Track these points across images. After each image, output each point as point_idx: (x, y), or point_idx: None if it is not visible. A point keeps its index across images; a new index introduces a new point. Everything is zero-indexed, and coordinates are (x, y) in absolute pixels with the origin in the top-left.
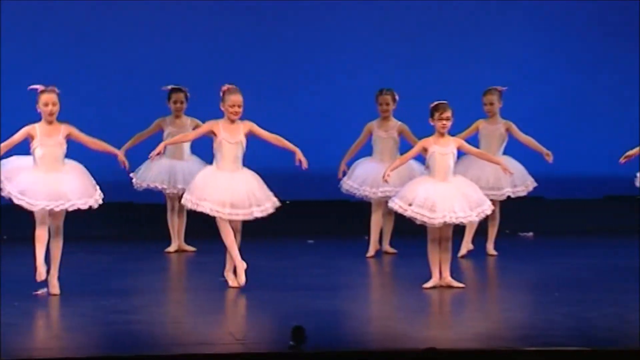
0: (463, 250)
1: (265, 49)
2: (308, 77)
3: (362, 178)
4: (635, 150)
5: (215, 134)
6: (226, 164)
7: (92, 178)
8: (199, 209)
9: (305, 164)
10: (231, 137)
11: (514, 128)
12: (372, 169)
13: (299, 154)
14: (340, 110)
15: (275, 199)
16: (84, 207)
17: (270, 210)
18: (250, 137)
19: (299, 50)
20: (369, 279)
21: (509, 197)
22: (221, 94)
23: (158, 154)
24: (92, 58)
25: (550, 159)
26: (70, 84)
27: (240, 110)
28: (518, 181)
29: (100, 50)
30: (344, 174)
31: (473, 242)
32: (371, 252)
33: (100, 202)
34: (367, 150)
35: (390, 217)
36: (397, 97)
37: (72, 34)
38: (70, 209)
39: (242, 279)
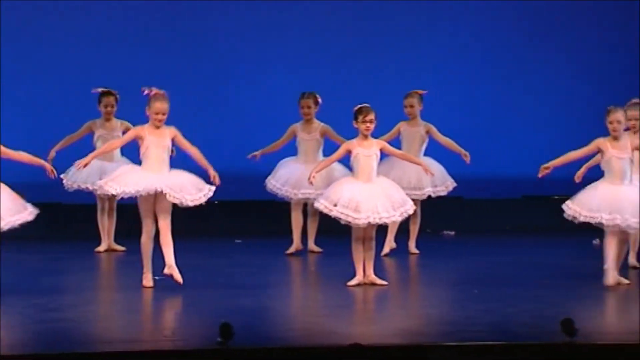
0: (386, 249)
1: (192, 51)
2: (237, 79)
3: (285, 178)
4: (552, 163)
5: (141, 139)
6: (154, 168)
7: (19, 196)
8: (126, 193)
9: (217, 181)
10: (158, 141)
11: (434, 130)
12: (295, 170)
13: (211, 171)
14: (268, 112)
15: (207, 188)
16: (17, 223)
17: (204, 198)
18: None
19: (227, 52)
20: (295, 277)
21: (429, 196)
22: (148, 98)
23: (85, 165)
24: (22, 61)
25: (468, 159)
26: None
27: (164, 117)
28: (438, 181)
29: (29, 54)
30: (259, 162)
31: (395, 240)
32: (292, 249)
33: (33, 216)
34: (291, 151)
35: (314, 217)
36: (319, 100)
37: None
38: (5, 228)
39: (150, 281)
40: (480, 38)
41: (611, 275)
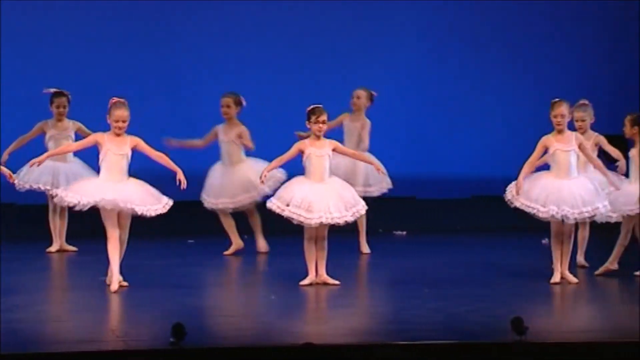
0: None
1: (137, 51)
2: (192, 78)
3: (207, 188)
4: (519, 180)
5: (100, 145)
6: (112, 176)
7: None
8: (84, 201)
9: (184, 185)
10: (117, 148)
11: (366, 130)
12: (215, 180)
13: (180, 175)
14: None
15: (166, 199)
16: None
17: (162, 210)
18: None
19: (169, 52)
20: (248, 277)
21: (373, 197)
22: (109, 106)
23: (39, 163)
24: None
25: (380, 173)
26: None
27: (125, 125)
28: (373, 181)
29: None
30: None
31: (346, 240)
32: (231, 250)
33: None
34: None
35: (254, 215)
36: (242, 101)
37: None
38: None
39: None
40: (432, 35)
41: (556, 275)
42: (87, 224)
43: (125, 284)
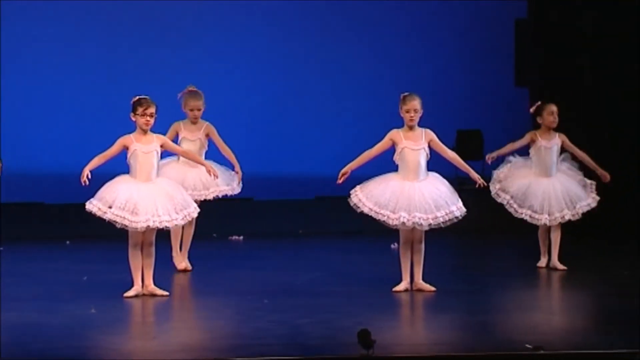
0: None
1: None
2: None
3: None
4: (349, 167)
5: None
6: None
7: None
8: None
9: None
10: None
11: (215, 133)
12: None
13: None
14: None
15: None
16: None
17: None
18: None
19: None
20: (67, 288)
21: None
22: None
23: None
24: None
25: (239, 174)
26: None
27: None
28: (222, 182)
29: None
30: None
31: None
32: None
33: None
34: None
35: None
36: None
37: None
38: None
39: None
40: (273, 35)
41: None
42: None
43: None
